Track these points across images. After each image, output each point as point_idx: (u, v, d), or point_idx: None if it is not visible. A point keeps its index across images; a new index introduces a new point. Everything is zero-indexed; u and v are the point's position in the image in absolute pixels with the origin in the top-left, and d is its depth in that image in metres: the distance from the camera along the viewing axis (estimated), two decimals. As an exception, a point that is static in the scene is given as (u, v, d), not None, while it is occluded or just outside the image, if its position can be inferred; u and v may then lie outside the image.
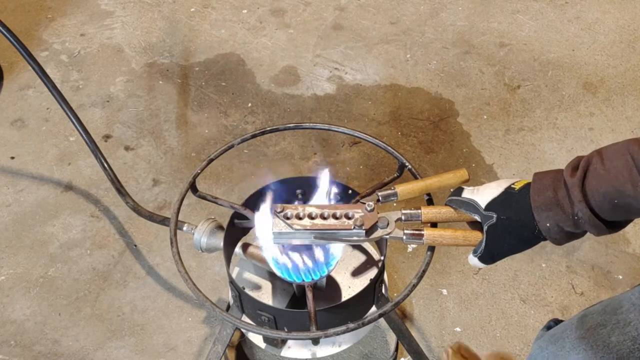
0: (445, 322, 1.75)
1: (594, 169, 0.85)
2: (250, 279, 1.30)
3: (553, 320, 1.18)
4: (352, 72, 2.46)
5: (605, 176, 0.83)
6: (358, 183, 2.06)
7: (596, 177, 0.84)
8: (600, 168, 0.84)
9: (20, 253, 1.91)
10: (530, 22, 2.64)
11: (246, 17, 2.70)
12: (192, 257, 1.87)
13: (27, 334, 1.74)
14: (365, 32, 2.62)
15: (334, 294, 1.26)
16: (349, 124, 2.25)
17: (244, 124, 2.28)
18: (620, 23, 2.62)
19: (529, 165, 2.13)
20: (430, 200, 1.21)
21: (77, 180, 2.10)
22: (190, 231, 1.35)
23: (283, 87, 2.41)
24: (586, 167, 0.86)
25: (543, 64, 2.47)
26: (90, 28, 2.66)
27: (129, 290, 1.83)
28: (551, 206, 0.88)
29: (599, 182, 0.84)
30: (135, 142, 2.22)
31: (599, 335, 0.98)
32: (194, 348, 1.71)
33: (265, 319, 1.16)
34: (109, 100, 2.36)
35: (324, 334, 1.06)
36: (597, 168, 0.84)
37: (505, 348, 1.70)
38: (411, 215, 1.04)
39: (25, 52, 1.60)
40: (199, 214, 1.98)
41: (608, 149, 0.86)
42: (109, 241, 1.94)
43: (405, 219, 1.04)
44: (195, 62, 2.51)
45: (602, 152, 0.86)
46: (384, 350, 1.59)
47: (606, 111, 2.29)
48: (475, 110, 2.31)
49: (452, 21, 2.65)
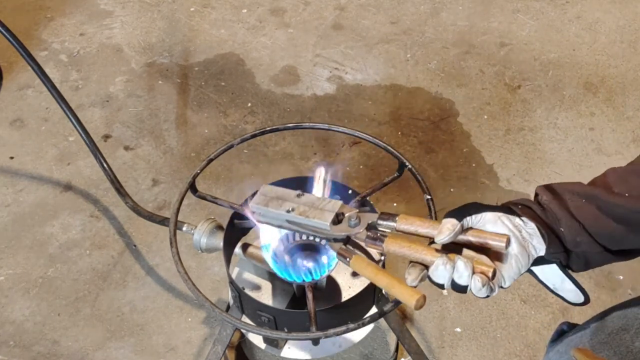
0: (446, 323, 1.75)
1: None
2: (250, 279, 1.30)
3: (565, 324, 1.14)
4: (352, 72, 2.45)
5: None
6: (358, 183, 2.06)
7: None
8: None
9: (19, 253, 1.90)
10: (530, 22, 2.64)
11: (246, 17, 2.70)
12: (192, 257, 1.86)
13: (27, 334, 1.73)
14: (365, 32, 2.61)
15: (334, 294, 1.25)
16: (349, 124, 2.25)
17: (243, 123, 2.28)
18: (621, 23, 2.62)
19: (530, 165, 2.12)
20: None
21: (76, 180, 2.09)
22: (189, 231, 1.35)
23: (283, 87, 2.41)
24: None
25: (544, 63, 2.46)
26: (89, 28, 2.65)
27: (129, 291, 1.82)
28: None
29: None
30: (135, 142, 2.21)
31: (622, 340, 0.96)
32: (194, 348, 1.70)
33: (265, 320, 1.16)
34: (109, 100, 2.36)
35: (324, 335, 1.06)
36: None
37: (505, 349, 1.70)
38: (386, 224, 0.96)
39: (25, 52, 1.60)
40: (199, 214, 1.98)
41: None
42: (109, 241, 1.93)
43: (379, 224, 0.96)
44: (194, 62, 2.50)
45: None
46: (384, 351, 1.59)
47: (607, 111, 2.29)
48: (475, 110, 2.31)
49: (452, 21, 2.65)
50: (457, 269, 0.84)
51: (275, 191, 1.06)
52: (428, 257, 0.87)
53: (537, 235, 0.89)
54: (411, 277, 0.87)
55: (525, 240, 0.88)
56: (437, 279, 0.86)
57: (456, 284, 0.84)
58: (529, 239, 0.88)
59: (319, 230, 1.01)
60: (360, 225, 0.98)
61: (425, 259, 0.87)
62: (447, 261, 0.84)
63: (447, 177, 2.10)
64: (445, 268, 0.84)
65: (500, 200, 2.02)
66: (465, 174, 2.11)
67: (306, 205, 1.03)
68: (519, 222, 0.89)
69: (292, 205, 1.03)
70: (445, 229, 0.86)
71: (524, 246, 0.88)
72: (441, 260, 0.84)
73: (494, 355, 1.69)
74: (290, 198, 1.04)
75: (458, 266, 0.83)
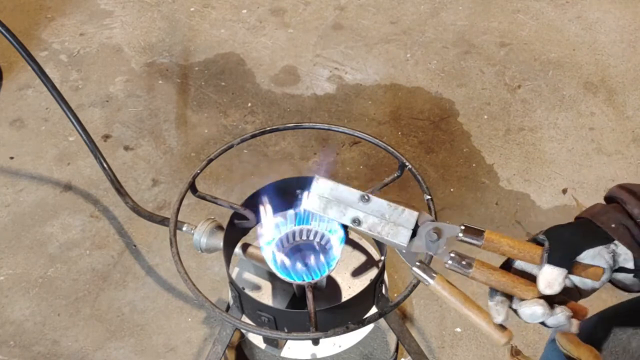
0: (446, 323, 1.75)
1: None
2: (250, 279, 1.30)
3: None
4: (352, 72, 2.45)
5: None
6: (358, 183, 2.06)
7: None
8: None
9: (19, 253, 1.90)
10: (530, 22, 2.64)
11: (246, 17, 2.70)
12: (192, 257, 1.86)
13: (27, 334, 1.73)
14: (365, 32, 2.61)
15: (334, 294, 1.25)
16: (349, 124, 2.25)
17: (243, 123, 2.27)
18: (620, 23, 2.62)
19: (530, 165, 2.12)
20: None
21: (76, 180, 2.09)
22: (189, 231, 1.35)
23: (283, 86, 2.41)
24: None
25: (544, 63, 2.46)
26: (89, 28, 2.65)
27: (129, 291, 1.82)
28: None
29: None
30: (135, 142, 2.21)
31: (619, 341, 0.96)
32: (194, 348, 1.70)
33: (265, 320, 1.16)
34: (109, 100, 2.36)
35: (324, 335, 1.06)
36: None
37: (505, 349, 1.70)
38: (469, 240, 0.86)
39: (25, 52, 1.60)
40: (199, 214, 1.98)
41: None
42: (109, 241, 1.93)
43: (461, 239, 0.87)
44: (194, 62, 2.50)
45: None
46: (384, 351, 1.59)
47: (607, 111, 2.29)
48: (475, 110, 2.31)
49: (452, 21, 2.65)
50: (556, 318, 0.81)
51: (333, 191, 0.91)
52: (521, 294, 0.82)
53: (627, 256, 0.84)
54: (501, 317, 0.84)
55: (615, 263, 0.84)
56: (527, 320, 0.83)
57: (545, 324, 0.83)
58: (618, 260, 0.84)
59: (395, 245, 0.89)
60: (439, 244, 0.87)
61: (517, 295, 0.83)
62: (547, 311, 0.81)
63: (447, 177, 2.10)
64: (543, 316, 0.81)
65: (500, 201, 2.03)
66: (466, 174, 2.11)
67: (375, 216, 0.89)
68: (612, 249, 0.84)
69: (358, 214, 0.89)
70: (557, 285, 0.81)
71: (612, 269, 0.85)
72: (542, 310, 0.81)
73: (493, 355, 1.69)
74: (353, 203, 0.90)
75: (558, 317, 0.81)
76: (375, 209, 0.89)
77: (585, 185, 2.06)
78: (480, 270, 0.84)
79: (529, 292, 0.82)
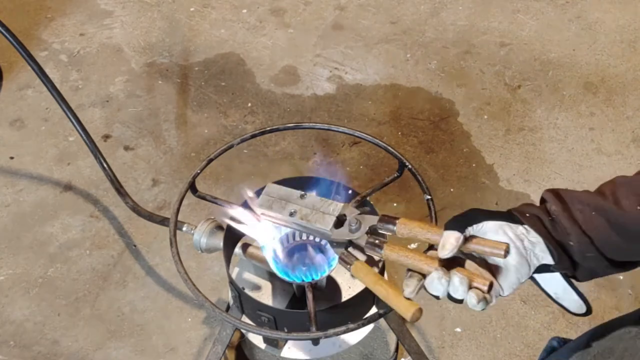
0: (446, 323, 1.75)
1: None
2: (250, 279, 1.30)
3: (556, 340, 1.14)
4: (352, 72, 2.45)
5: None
6: (358, 183, 2.06)
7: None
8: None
9: (19, 253, 1.90)
10: (530, 22, 2.64)
11: (246, 17, 2.70)
12: (192, 257, 1.86)
13: (27, 334, 1.73)
14: (365, 32, 2.61)
15: (334, 294, 1.25)
16: (349, 124, 2.25)
17: (243, 123, 2.27)
18: (620, 23, 2.62)
19: (530, 165, 2.12)
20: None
21: (76, 181, 2.09)
22: (189, 231, 1.35)
23: (283, 86, 2.41)
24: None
25: (544, 63, 2.46)
26: (89, 28, 2.65)
27: (129, 291, 1.82)
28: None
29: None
30: (135, 142, 2.21)
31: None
32: (194, 349, 1.70)
33: (265, 320, 1.16)
34: (109, 100, 2.36)
35: (324, 335, 1.06)
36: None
37: (505, 349, 1.70)
38: (387, 228, 0.94)
39: (25, 52, 1.60)
40: (199, 214, 1.98)
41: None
42: (109, 241, 1.93)
43: (379, 227, 0.95)
44: (194, 62, 2.50)
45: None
46: (384, 351, 1.59)
47: (607, 111, 2.29)
48: (475, 110, 2.31)
49: (452, 21, 2.65)
50: (452, 283, 0.84)
51: (279, 191, 1.06)
52: (425, 268, 0.87)
53: (540, 245, 0.87)
54: (409, 289, 0.87)
55: (527, 250, 0.87)
56: (432, 291, 0.86)
57: (452, 297, 0.85)
58: (531, 247, 0.87)
59: (321, 233, 1.02)
60: (360, 230, 0.97)
61: (423, 269, 0.88)
62: (442, 275, 0.84)
63: (447, 177, 2.10)
64: (441, 282, 0.84)
65: (500, 201, 2.03)
66: (465, 174, 2.11)
67: (308, 208, 1.03)
68: (521, 231, 0.88)
69: (295, 207, 1.03)
70: (449, 244, 0.85)
71: (525, 256, 0.87)
72: (437, 274, 0.85)
73: (494, 355, 1.69)
74: (293, 199, 1.05)
75: (453, 282, 0.84)
76: (309, 203, 1.03)
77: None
78: (391, 250, 0.92)
79: (432, 265, 0.87)
